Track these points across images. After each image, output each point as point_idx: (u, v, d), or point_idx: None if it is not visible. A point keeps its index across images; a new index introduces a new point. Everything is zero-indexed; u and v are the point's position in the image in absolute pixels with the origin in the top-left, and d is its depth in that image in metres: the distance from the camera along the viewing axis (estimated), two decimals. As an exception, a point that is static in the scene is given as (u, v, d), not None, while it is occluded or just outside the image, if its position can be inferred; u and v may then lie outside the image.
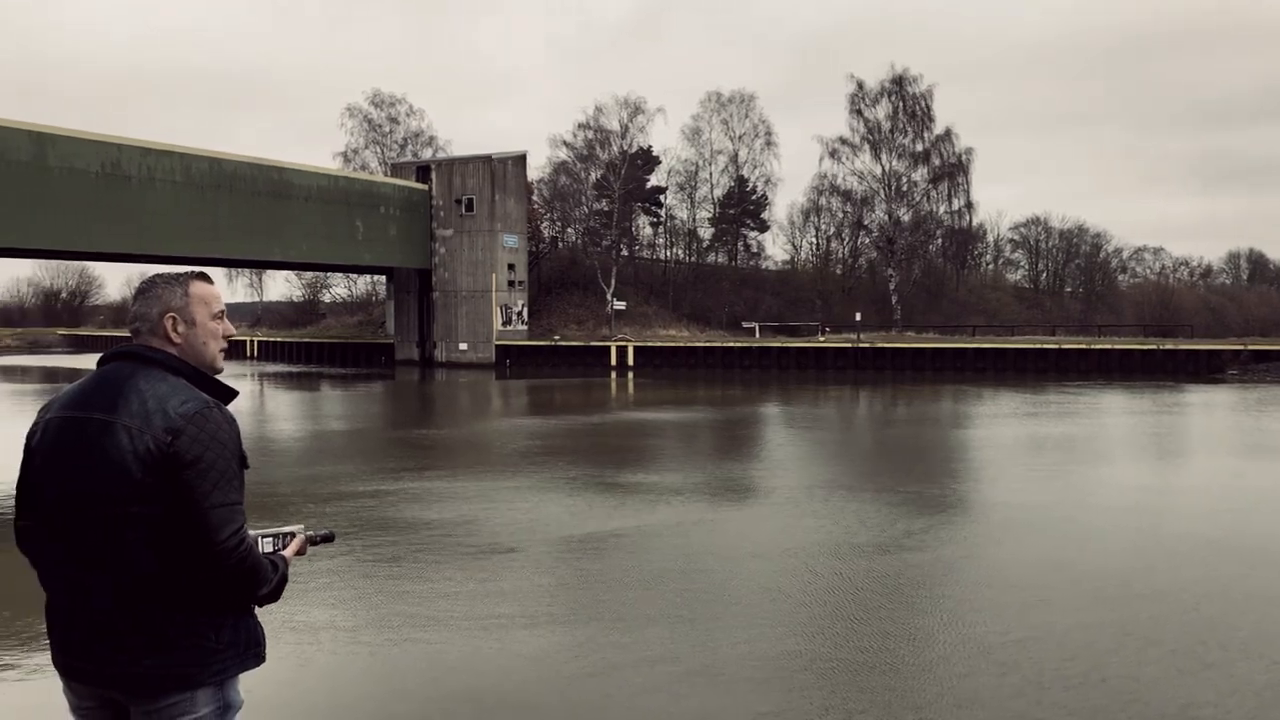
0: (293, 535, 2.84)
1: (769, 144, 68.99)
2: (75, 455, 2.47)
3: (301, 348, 60.28)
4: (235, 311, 78.31)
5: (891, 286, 64.85)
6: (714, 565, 10.05)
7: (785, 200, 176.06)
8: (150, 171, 39.79)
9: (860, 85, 64.36)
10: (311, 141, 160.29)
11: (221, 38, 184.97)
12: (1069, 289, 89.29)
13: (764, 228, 72.15)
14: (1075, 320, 73.54)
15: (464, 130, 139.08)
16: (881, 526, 11.82)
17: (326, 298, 78.43)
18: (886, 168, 65.03)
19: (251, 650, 2.61)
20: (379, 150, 71.03)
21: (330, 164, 65.14)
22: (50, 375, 45.60)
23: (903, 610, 8.50)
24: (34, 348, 74.45)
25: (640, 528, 12.00)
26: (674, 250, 72.25)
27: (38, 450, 2.57)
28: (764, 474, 16.83)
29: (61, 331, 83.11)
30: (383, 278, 61.29)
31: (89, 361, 53.60)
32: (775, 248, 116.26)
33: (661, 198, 69.66)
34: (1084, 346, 45.67)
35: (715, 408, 29.99)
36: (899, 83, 63.84)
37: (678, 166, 69.76)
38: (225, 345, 2.69)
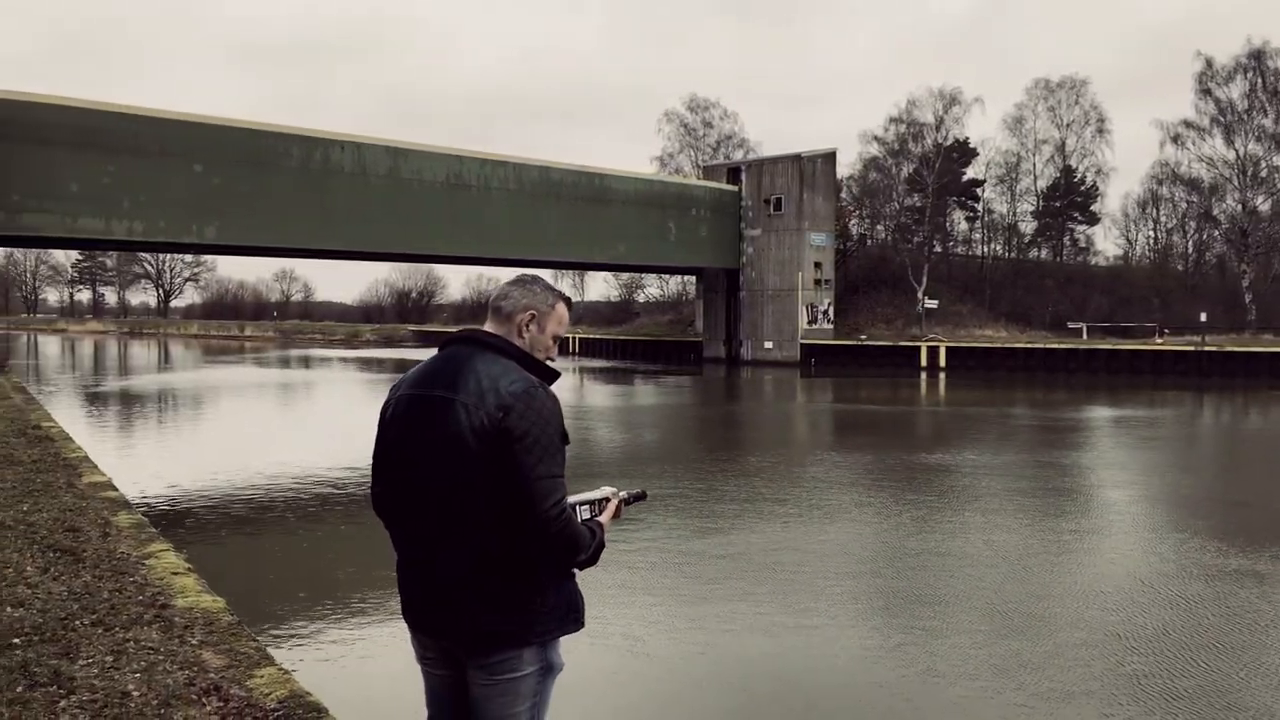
0: (607, 500, 3.00)
1: (1101, 131, 64.20)
2: (421, 428, 2.79)
3: (617, 344, 63.18)
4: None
5: (1245, 284, 58.18)
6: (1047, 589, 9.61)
7: (1118, 191, 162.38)
8: (487, 181, 43.26)
9: (1209, 63, 58.26)
10: (634, 146, 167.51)
11: (567, 55, 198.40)
12: None
13: (1093, 221, 67.16)
14: None
15: (784, 130, 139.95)
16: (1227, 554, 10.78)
17: (640, 297, 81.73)
18: (1240, 152, 58.47)
19: (571, 615, 2.83)
20: (693, 154, 72.99)
21: (647, 169, 67.80)
22: (400, 366, 50.76)
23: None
24: (388, 342, 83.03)
25: (960, 548, 11.69)
26: (991, 246, 68.93)
27: (390, 423, 2.92)
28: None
29: (411, 327, 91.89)
30: (693, 277, 62.95)
31: (409, 370, 59.12)
32: (1106, 242, 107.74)
33: (979, 191, 66.62)
34: None
35: (1111, 418, 28.34)
36: (1257, 57, 57.14)
37: (997, 158, 66.46)
38: (552, 357, 2.98)
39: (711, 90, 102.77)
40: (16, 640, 4.99)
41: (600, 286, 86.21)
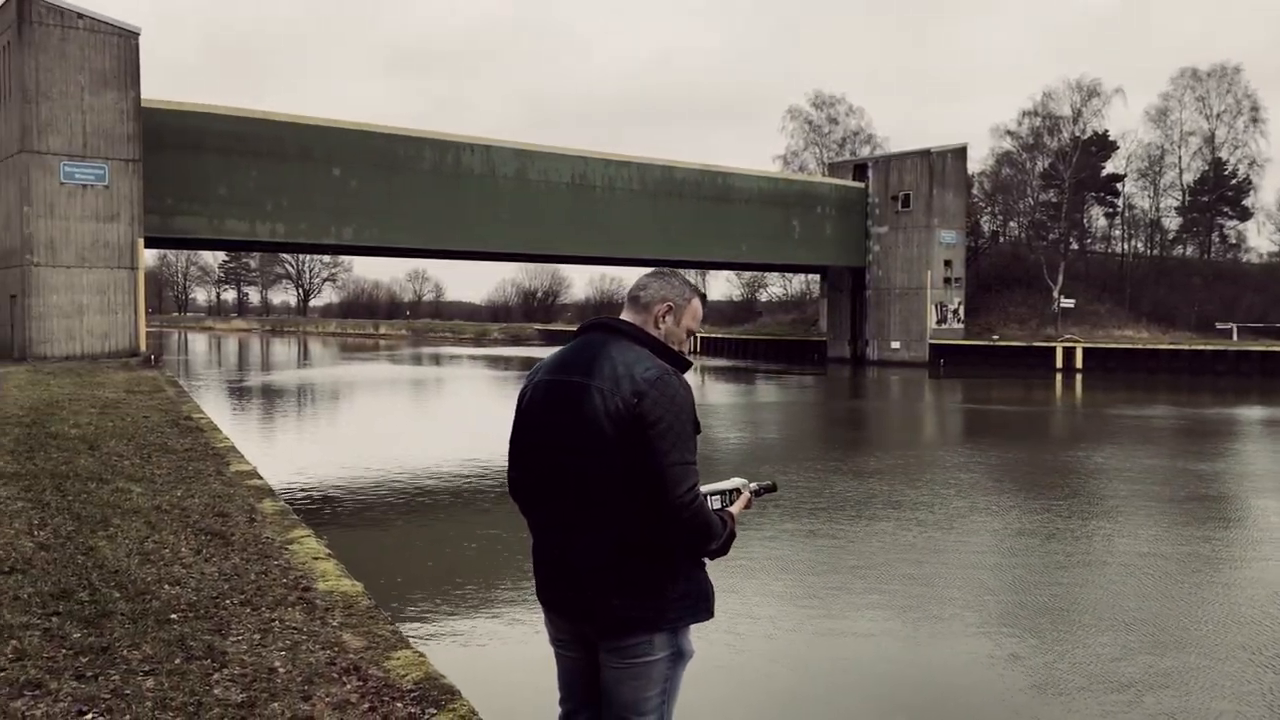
0: (738, 491, 2.98)
1: (1255, 121, 60.70)
2: (557, 413, 2.83)
3: (739, 343, 62.95)
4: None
5: None
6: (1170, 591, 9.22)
7: (1275, 184, 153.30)
8: (611, 181, 43.67)
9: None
10: (758, 146, 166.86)
11: (697, 56, 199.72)
12: None
13: (1245, 216, 63.58)
14: None
15: (914, 127, 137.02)
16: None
17: (763, 296, 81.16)
18: None
19: (702, 604, 2.85)
20: (817, 151, 72.10)
21: (770, 167, 67.32)
22: (526, 364, 51.70)
23: None
24: (515, 340, 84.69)
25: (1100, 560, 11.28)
26: (1132, 243, 66.01)
27: (527, 409, 2.97)
28: None
29: (537, 326, 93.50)
30: (817, 276, 62.21)
31: (546, 356, 60.12)
32: (1260, 238, 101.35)
33: (1119, 186, 63.86)
34: None
35: None
36: None
37: (1139, 151, 63.53)
38: (685, 350, 3.01)
39: (838, 87, 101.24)
40: (174, 616, 5.29)
41: (723, 285, 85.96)
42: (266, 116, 34.85)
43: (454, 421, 26.15)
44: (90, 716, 4.03)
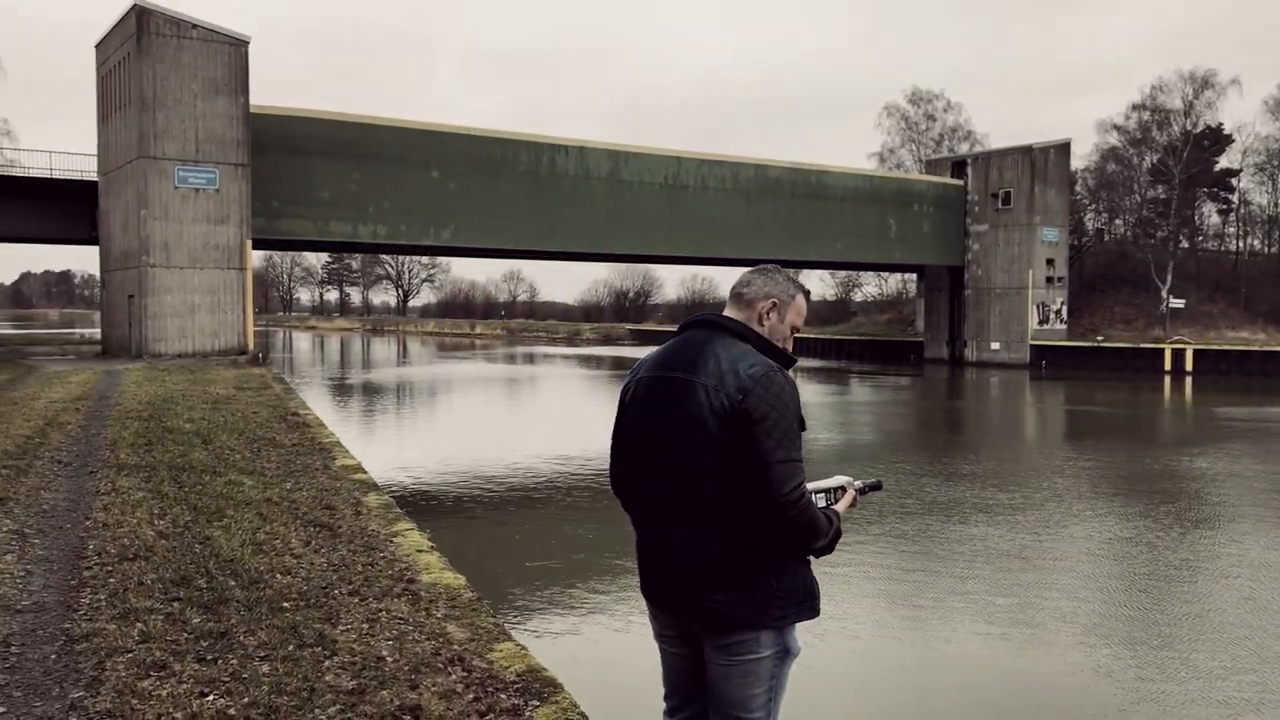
0: (843, 489, 2.95)
1: (1382, 111, 57.53)
2: (661, 409, 2.84)
3: (833, 344, 62.20)
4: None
5: None
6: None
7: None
8: (704, 180, 43.62)
9: None
10: (853, 143, 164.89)
11: (796, 56, 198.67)
12: None
13: (1372, 211, 60.33)
14: None
15: (1015, 123, 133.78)
16: None
17: (857, 296, 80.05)
18: None
19: (808, 602, 2.83)
20: (914, 148, 70.85)
21: (865, 165, 66.40)
22: (618, 363, 51.95)
23: None
24: (606, 340, 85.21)
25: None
26: (1248, 241, 63.21)
27: (630, 405, 2.97)
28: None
29: (629, 326, 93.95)
30: (913, 275, 61.14)
31: (649, 352, 60.30)
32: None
33: (1234, 181, 61.27)
34: None
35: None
36: None
37: (1256, 145, 60.78)
38: (789, 348, 2.99)
39: (936, 83, 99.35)
40: (286, 604, 5.48)
41: (817, 285, 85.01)
42: (368, 121, 35.73)
43: (548, 420, 26.45)
44: (212, 697, 4.19)
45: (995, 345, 51.93)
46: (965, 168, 53.90)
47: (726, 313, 2.94)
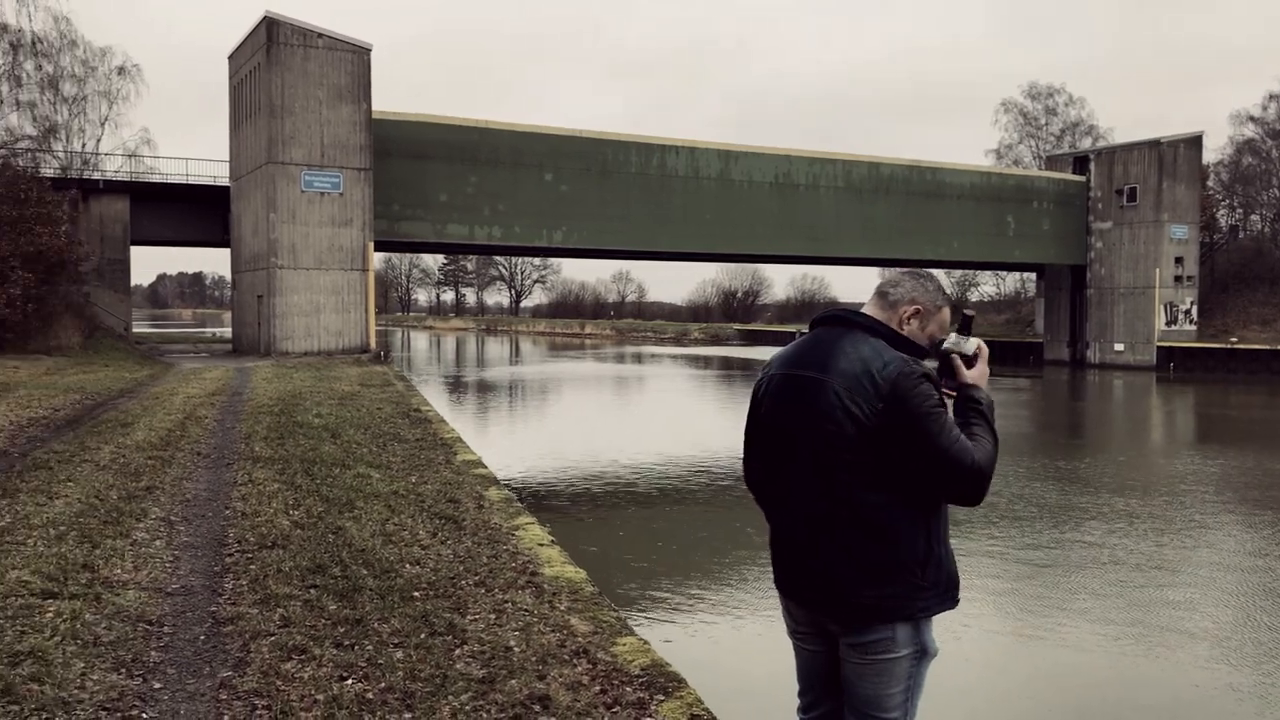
0: (975, 353, 2.93)
1: None
2: (793, 408, 2.84)
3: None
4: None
5: None
6: None
7: None
8: (815, 179, 43.17)
9: None
10: (970, 141, 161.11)
11: (916, 53, 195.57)
12: None
13: None
14: None
15: (1141, 117, 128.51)
16: None
17: (974, 296, 78.11)
18: None
19: (950, 592, 2.80)
20: (1033, 144, 68.78)
21: (982, 162, 64.75)
22: (725, 364, 51.83)
23: None
24: (714, 340, 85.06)
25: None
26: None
27: (762, 402, 2.99)
28: None
29: (736, 326, 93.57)
30: (1032, 275, 59.34)
31: (758, 353, 59.87)
32: None
33: (1384, 174, 57.62)
34: None
35: None
36: None
37: None
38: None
39: (1057, 77, 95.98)
40: (416, 594, 5.66)
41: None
42: (484, 125, 36.47)
43: (658, 419, 26.57)
44: (350, 681, 4.37)
45: (1119, 346, 50.03)
46: (1088, 163, 52.06)
47: (866, 309, 2.92)
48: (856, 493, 2.71)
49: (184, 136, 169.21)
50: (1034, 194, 49.69)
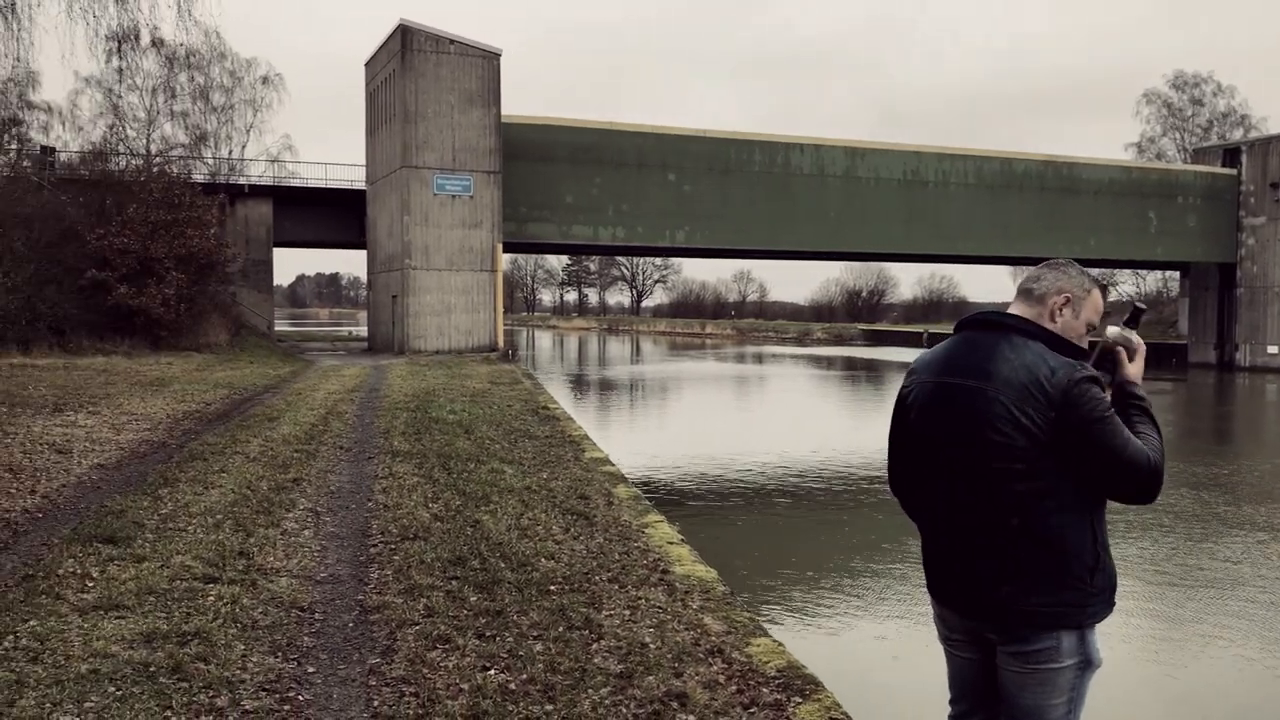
0: (1131, 347, 2.84)
1: None
2: (950, 417, 2.72)
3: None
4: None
5: None
6: None
7: None
8: (945, 176, 42.13)
9: None
10: (1108, 134, 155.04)
11: (1056, 47, 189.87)
12: None
13: None
14: None
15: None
16: None
17: (1111, 295, 75.02)
18: None
19: (1112, 598, 2.70)
20: (1178, 136, 65.65)
21: (1121, 156, 62.14)
22: (850, 364, 51.06)
23: None
24: (838, 340, 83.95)
25: None
26: None
27: (911, 409, 2.87)
28: None
29: (861, 326, 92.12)
30: (1175, 274, 56.64)
31: (883, 354, 58.84)
32: None
33: None
34: None
35: None
36: None
37: None
38: (1085, 347, 2.84)
39: (1204, 65, 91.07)
40: (552, 588, 5.77)
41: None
42: (608, 126, 36.84)
43: (782, 419, 26.36)
44: (493, 672, 4.48)
45: (1273, 349, 47.26)
46: (1239, 156, 49.33)
47: (1013, 310, 2.81)
48: (1025, 501, 2.61)
49: (321, 142, 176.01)
50: (1179, 189, 47.40)
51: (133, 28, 14.13)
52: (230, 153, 46.10)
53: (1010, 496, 2.63)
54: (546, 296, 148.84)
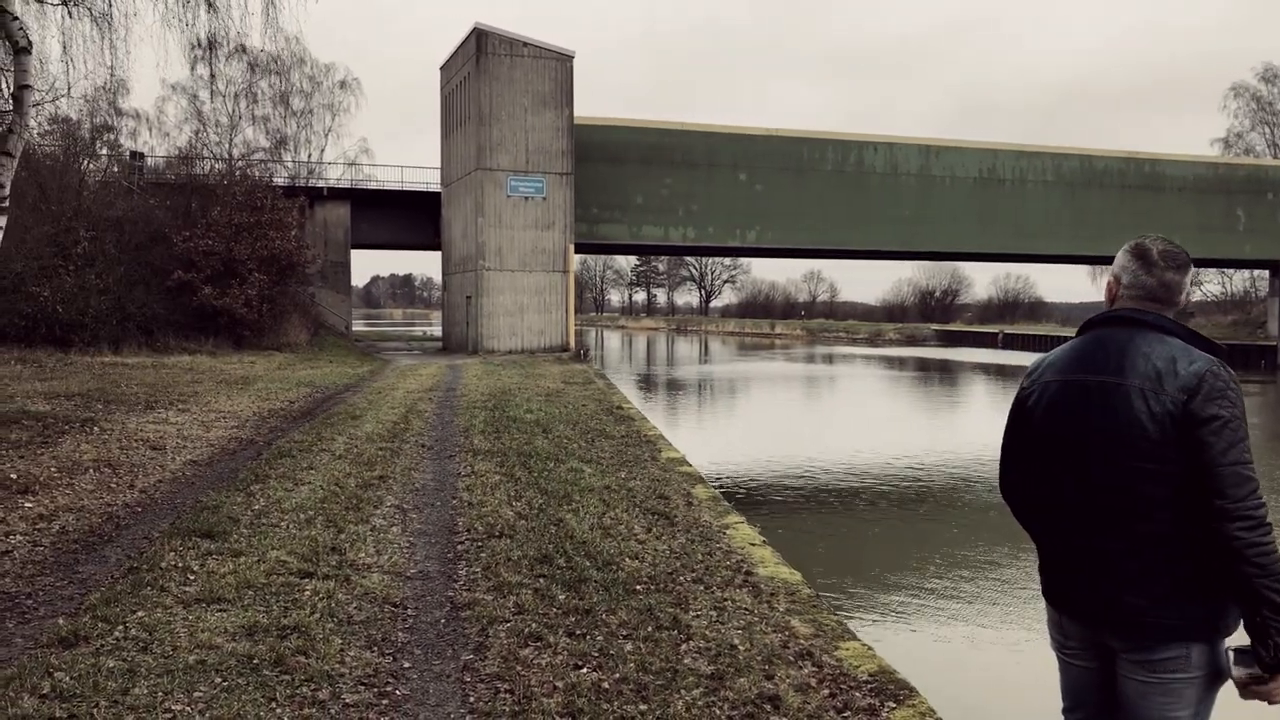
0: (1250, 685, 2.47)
1: None
2: (1085, 416, 2.63)
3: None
4: (1096, 309, 76.13)
5: None
6: None
7: None
8: (1022, 173, 41.34)
9: None
10: (1194, 129, 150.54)
11: (1152, 40, 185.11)
12: None
13: None
14: None
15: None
16: None
17: (1196, 295, 72.81)
18: None
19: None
20: (1268, 131, 63.45)
21: (1208, 152, 60.29)
22: (922, 365, 50.33)
23: None
24: (910, 341, 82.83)
25: None
26: None
27: (1034, 411, 2.77)
28: None
29: (934, 327, 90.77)
30: (1263, 272, 54.78)
31: (956, 354, 57.76)
32: None
33: None
34: None
35: None
36: None
37: None
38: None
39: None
40: (639, 588, 5.79)
41: (1146, 283, 77.97)
42: (679, 126, 36.86)
43: (855, 419, 26.10)
44: (585, 670, 4.52)
45: (1369, 351, 45.47)
46: (1334, 150, 47.56)
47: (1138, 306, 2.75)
48: (1163, 506, 2.53)
49: (396, 143, 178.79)
50: (1269, 185, 45.87)
51: (223, 35, 14.51)
52: (309, 156, 47.15)
53: (1144, 502, 2.55)
54: (615, 297, 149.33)
